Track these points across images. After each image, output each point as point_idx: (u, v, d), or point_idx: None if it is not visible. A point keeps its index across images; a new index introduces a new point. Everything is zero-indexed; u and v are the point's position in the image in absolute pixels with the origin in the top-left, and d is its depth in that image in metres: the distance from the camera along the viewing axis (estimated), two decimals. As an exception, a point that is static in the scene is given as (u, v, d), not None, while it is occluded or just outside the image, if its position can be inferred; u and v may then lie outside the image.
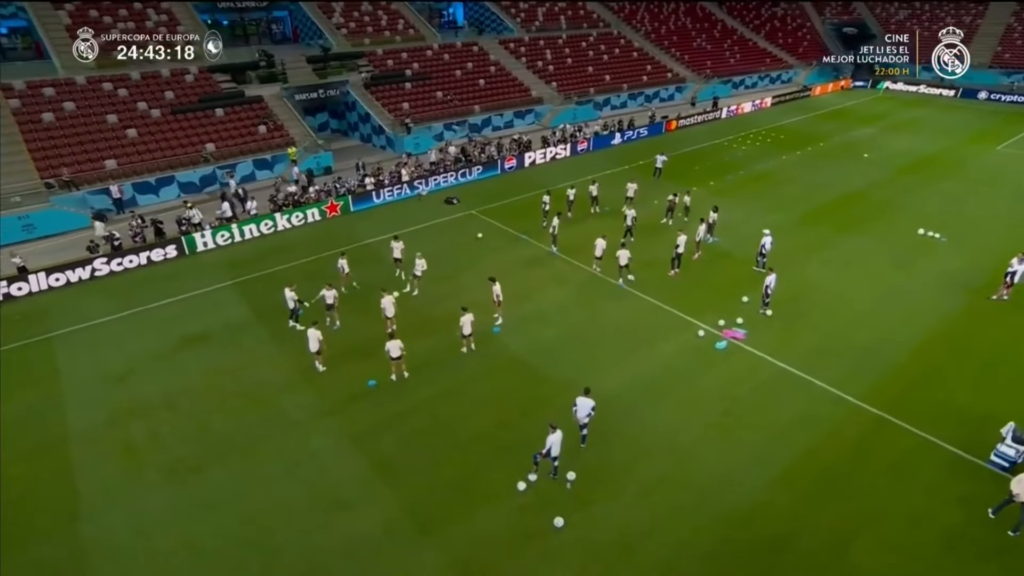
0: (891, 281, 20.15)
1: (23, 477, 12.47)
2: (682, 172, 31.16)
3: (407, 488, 12.25)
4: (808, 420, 14.00)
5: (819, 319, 18.03)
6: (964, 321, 17.87)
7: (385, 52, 41.01)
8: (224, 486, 12.34)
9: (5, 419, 14.08)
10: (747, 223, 24.55)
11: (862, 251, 22.26)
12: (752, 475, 12.51)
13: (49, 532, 11.29)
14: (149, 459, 13.01)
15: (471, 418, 14.14)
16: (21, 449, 13.22)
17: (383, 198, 27.29)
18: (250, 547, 10.97)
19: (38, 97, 29.31)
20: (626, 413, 14.27)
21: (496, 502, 11.89)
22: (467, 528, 11.33)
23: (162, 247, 21.90)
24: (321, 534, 11.22)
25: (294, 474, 12.60)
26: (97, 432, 13.79)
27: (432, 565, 10.61)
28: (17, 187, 25.01)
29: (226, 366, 16.10)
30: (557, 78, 45.13)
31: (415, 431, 13.78)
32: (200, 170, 28.84)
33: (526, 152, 32.71)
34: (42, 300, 19.61)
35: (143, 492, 12.19)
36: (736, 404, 14.56)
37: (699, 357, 16.31)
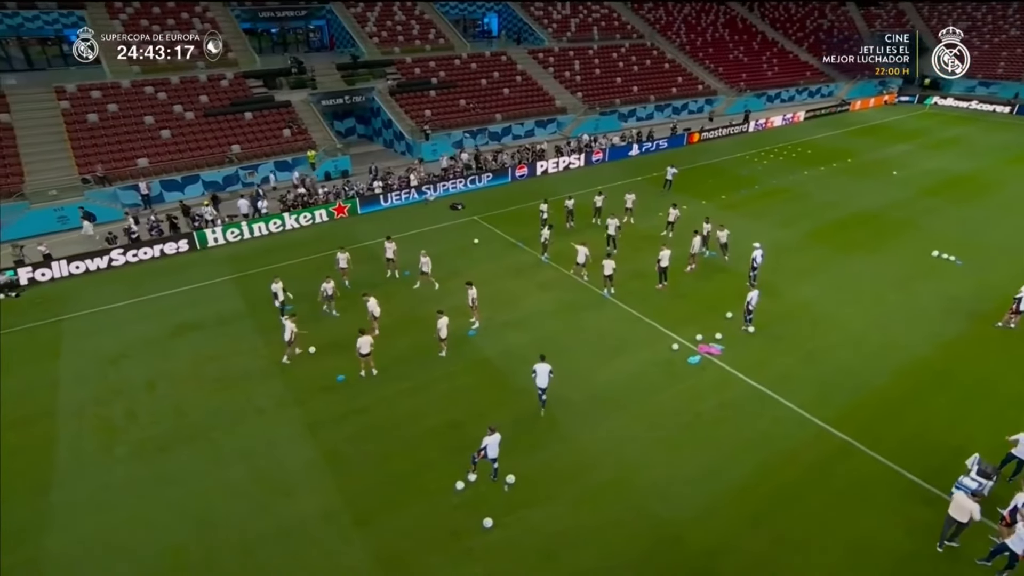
0: (889, 303, 19.36)
1: (9, 445, 13.56)
2: (694, 185, 30.74)
3: (351, 480, 12.67)
4: (768, 439, 13.68)
5: (803, 339, 17.52)
6: (959, 348, 17.01)
7: (414, 60, 42.18)
8: (184, 465, 13.07)
9: (4, 391, 15.33)
10: (749, 238, 23.92)
11: (865, 271, 21.46)
12: (699, 490, 12.32)
13: (22, 497, 12.24)
14: (122, 436, 13.92)
15: (427, 416, 14.46)
16: (12, 419, 14.38)
17: (391, 202, 28.09)
18: (194, 524, 11.60)
19: (86, 99, 31.62)
20: (581, 421, 14.29)
21: (433, 499, 12.15)
22: (400, 522, 11.63)
23: (175, 241, 23.25)
24: (260, 517, 11.74)
25: (249, 459, 13.22)
26: (83, 408, 14.84)
27: (357, 556, 10.95)
28: (56, 181, 27.09)
29: (211, 354, 17.00)
30: (583, 88, 45.28)
31: (371, 426, 14.21)
32: (224, 170, 30.44)
33: (538, 161, 32.94)
34: (62, 286, 21.18)
35: (111, 466, 13.06)
36: (697, 419, 14.36)
37: (669, 370, 16.14)
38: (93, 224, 24.45)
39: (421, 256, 20.07)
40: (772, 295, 19.79)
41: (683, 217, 24.58)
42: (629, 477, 12.68)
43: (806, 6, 69.65)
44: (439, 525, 11.54)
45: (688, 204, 27.78)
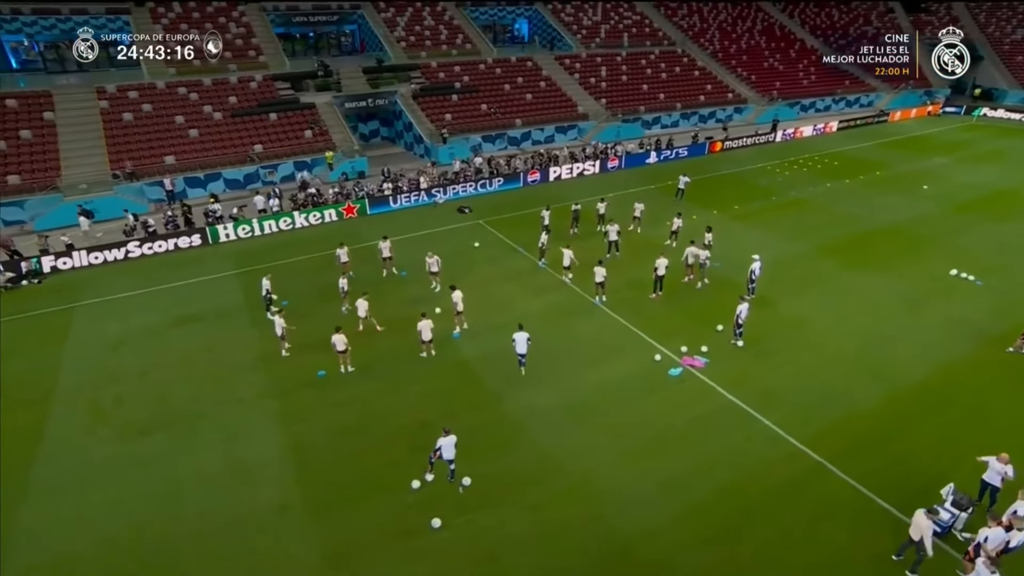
0: (893, 322, 18.56)
1: (4, 423, 14.44)
2: (708, 194, 30.19)
3: (314, 473, 12.97)
4: (738, 457, 13.32)
5: (793, 355, 16.99)
6: (961, 371, 16.16)
7: (439, 65, 42.84)
8: (160, 450, 13.65)
9: (8, 372, 16.34)
10: (756, 250, 23.37)
11: (874, 288, 20.63)
12: (658, 503, 12.12)
13: (5, 472, 13.00)
14: (109, 419, 14.64)
15: (398, 415, 14.67)
16: (12, 399, 15.33)
17: (400, 203, 28.60)
18: (159, 506, 12.10)
19: (124, 99, 33.39)
20: (549, 427, 14.24)
21: (389, 496, 12.32)
22: (353, 518, 11.84)
23: (188, 235, 24.28)
24: (222, 504, 12.16)
25: (221, 447, 13.70)
26: (78, 391, 15.67)
27: (305, 549, 11.19)
28: (88, 176, 28.68)
29: (204, 345, 17.69)
30: (608, 95, 45.04)
31: (342, 422, 14.51)
32: (245, 169, 31.60)
33: (551, 166, 32.94)
34: (81, 274, 22.43)
35: (94, 446, 13.75)
36: (669, 431, 14.11)
37: (648, 381, 15.90)
38: (90, 221, 25.68)
39: (427, 257, 20.31)
40: (768, 309, 19.29)
41: (687, 227, 24.15)
42: (588, 486, 12.56)
43: (850, 12, 67.40)
44: (390, 523, 11.69)
45: (698, 214, 27.33)
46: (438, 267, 20.27)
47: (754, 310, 18.93)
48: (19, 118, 30.59)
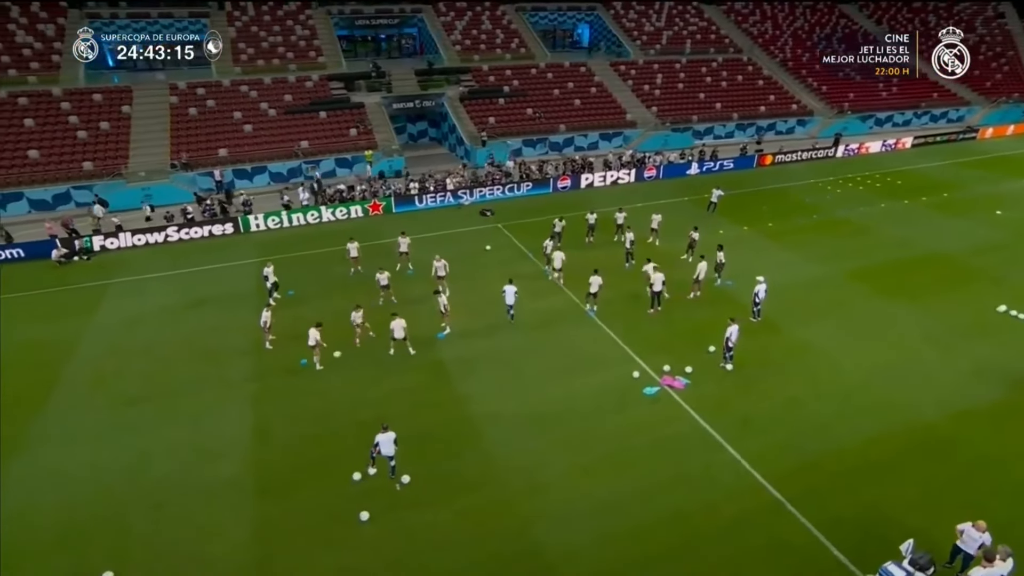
0: (914, 357, 17.00)
1: (17, 384, 16.12)
2: (744, 209, 28.83)
3: (270, 455, 13.62)
4: (693, 485, 12.71)
5: (785, 384, 15.95)
6: (978, 418, 14.55)
7: (490, 68, 43.43)
8: (143, 420, 14.78)
9: (38, 337, 18.22)
10: (778, 270, 22.17)
11: (902, 319, 18.97)
12: (592, 524, 11.78)
13: (12, 424, 14.53)
14: (106, 388, 16.01)
15: (361, 408, 15.06)
16: (32, 361, 17.11)
17: (426, 203, 29.29)
18: (127, 472, 13.11)
19: (191, 95, 36.26)
20: (506, 435, 14.18)
21: (331, 485, 12.72)
22: (292, 501, 12.33)
23: (222, 224, 26.04)
24: (181, 474, 13.01)
25: (196, 422, 14.65)
26: (89, 361, 17.25)
27: (240, 524, 11.76)
28: (150, 165, 31.38)
29: (209, 327, 18.95)
30: (660, 102, 43.95)
31: (309, 409, 15.11)
32: (289, 163, 33.45)
33: (583, 173, 32.59)
34: (124, 255, 24.63)
35: (87, 411, 15.11)
36: (626, 451, 13.67)
37: (620, 397, 15.46)
38: (105, 209, 27.66)
39: (435, 260, 20.47)
40: (772, 333, 18.25)
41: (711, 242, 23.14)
42: (526, 498, 12.40)
43: (951, 18, 61.99)
44: (323, 510, 12.08)
45: (727, 229, 26.20)
46: (445, 271, 20.37)
47: (757, 334, 18.11)
48: (101, 111, 33.92)
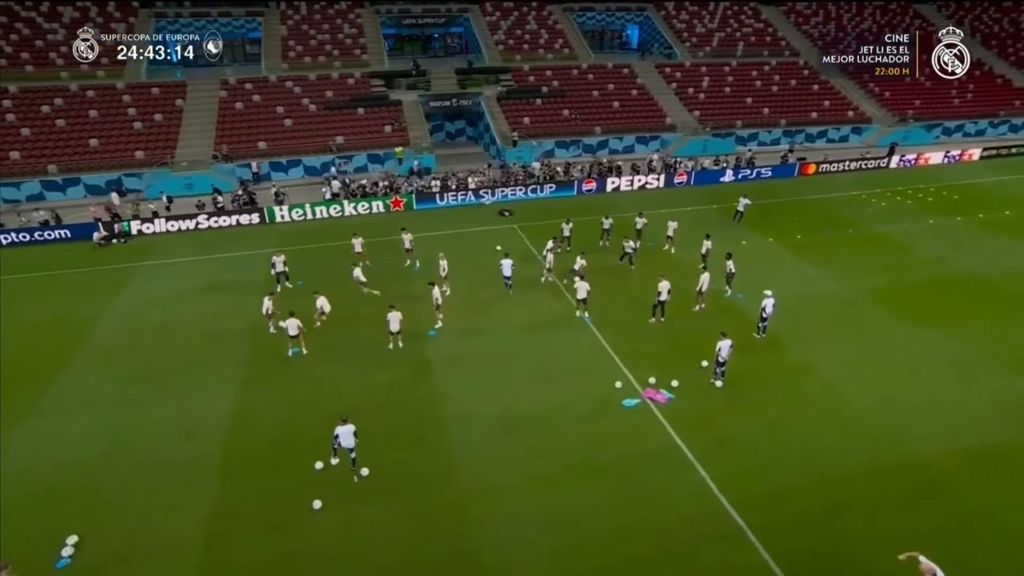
0: (926, 389, 15.75)
1: (37, 356, 17.47)
2: (773, 219, 27.56)
3: (243, 438, 14.16)
4: (652, 504, 12.28)
5: (775, 405, 15.15)
6: (985, 460, 13.30)
7: (531, 68, 43.39)
8: (138, 396, 15.69)
9: (64, 312, 19.66)
10: (796, 285, 21.16)
11: (924, 346, 17.62)
12: (536, 536, 11.57)
13: (26, 392, 15.76)
14: (114, 364, 17.10)
15: (339, 399, 15.33)
16: (54, 335, 18.47)
17: (447, 201, 29.61)
18: (110, 444, 13.95)
19: (240, 90, 38.13)
20: (472, 436, 14.16)
21: (294, 472, 13.09)
22: (253, 484, 12.78)
23: (249, 214, 27.25)
24: (157, 451, 13.71)
25: (183, 401, 15.42)
26: (105, 337, 18.47)
27: (198, 502, 12.26)
28: (195, 155, 33.24)
29: (216, 311, 19.88)
30: (703, 106, 42.61)
31: (290, 396, 15.60)
32: (323, 157, 34.61)
33: (609, 177, 32.04)
34: (157, 239, 26.20)
35: (93, 385, 16.19)
36: (589, 463, 13.36)
37: (597, 407, 15.13)
38: (121, 196, 29.41)
39: (440, 259, 20.67)
40: (774, 351, 17.39)
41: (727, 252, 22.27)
42: (475, 502, 12.33)
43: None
44: (279, 496, 12.44)
45: (750, 240, 25.17)
46: (445, 272, 20.55)
47: (758, 351, 17.35)
48: (157, 104, 36.21)
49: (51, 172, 31.00)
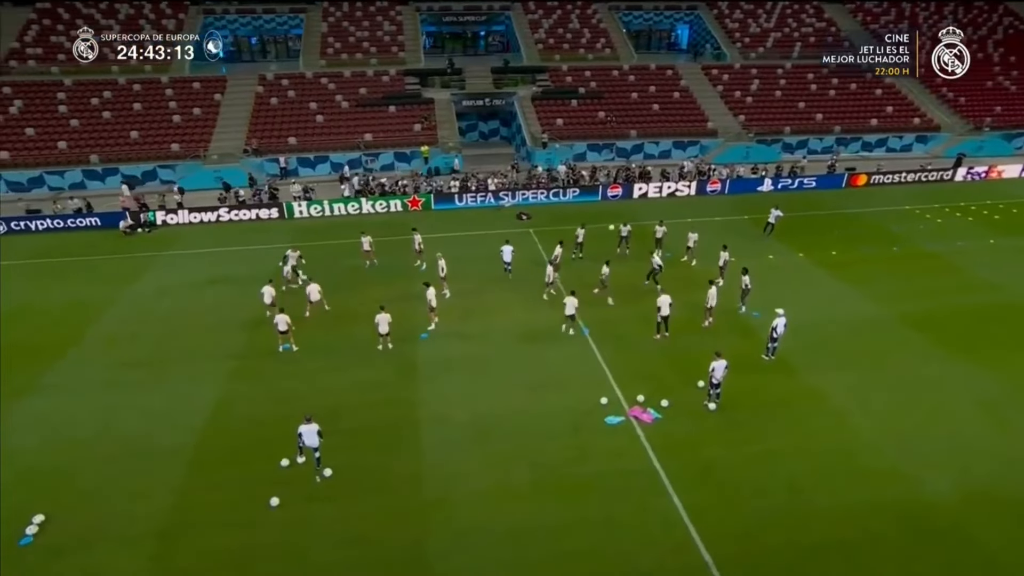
0: (949, 427, 14.64)
1: (47, 338, 18.67)
2: (807, 233, 26.40)
3: (219, 429, 14.66)
4: (616, 528, 11.92)
5: (771, 434, 14.45)
6: (993, 508, 12.24)
7: (570, 68, 43.22)
8: (131, 382, 16.55)
9: (80, 297, 20.97)
10: (820, 306, 20.23)
11: (958, 379, 16.39)
12: (491, 551, 11.42)
13: (30, 372, 16.90)
14: (115, 349, 18.11)
15: (320, 396, 15.65)
16: (63, 319, 19.76)
17: (465, 202, 29.84)
18: (98, 428, 14.74)
19: (276, 86, 39.70)
20: (445, 442, 14.18)
21: (261, 467, 13.42)
22: (219, 476, 13.20)
23: (269, 208, 28.30)
24: (138, 437, 14.38)
25: (171, 390, 16.14)
26: (113, 323, 19.59)
27: (164, 492, 12.72)
28: (227, 149, 34.83)
29: (221, 302, 20.76)
30: (750, 111, 41.28)
31: (274, 391, 16.06)
32: (350, 154, 35.56)
33: (636, 183, 31.48)
34: (181, 230, 27.62)
35: (93, 368, 17.20)
36: (560, 479, 13.10)
37: (576, 422, 14.85)
38: (132, 189, 31.08)
39: (439, 260, 20.92)
40: (783, 375, 16.65)
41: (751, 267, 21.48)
42: (438, 509, 12.33)
43: None
44: (242, 491, 12.79)
45: (778, 254, 24.23)
46: (444, 273, 20.72)
47: (764, 373, 16.68)
48: (197, 98, 38.17)
49: (93, 162, 33.16)
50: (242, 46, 49.46)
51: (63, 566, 11.07)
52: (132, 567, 11.07)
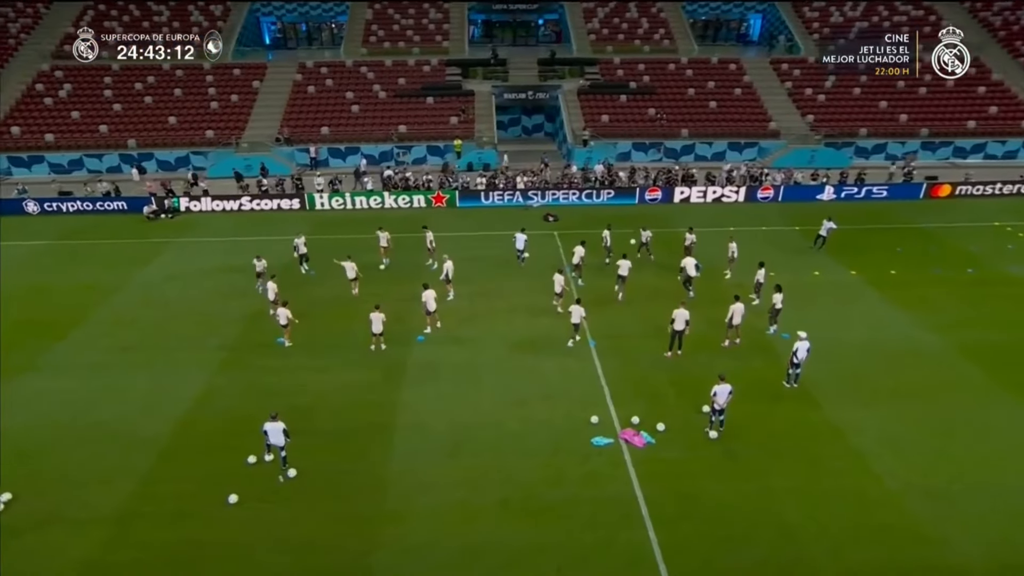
0: (995, 482, 13.41)
1: (52, 318, 20.09)
2: (864, 249, 25.12)
3: (197, 422, 15.34)
4: (578, 559, 11.63)
5: (775, 471, 13.71)
6: None
7: (622, 61, 42.74)
8: (124, 365, 17.65)
9: (94, 280, 22.49)
10: (865, 330, 19.20)
11: (1012, 425, 15.09)
12: (442, 569, 11.49)
13: (27, 351, 18.28)
14: (115, 333, 19.35)
15: (301, 394, 16.22)
16: (72, 300, 21.22)
17: (492, 200, 30.00)
18: (78, 409, 15.77)
19: (315, 74, 41.26)
20: (416, 450, 14.33)
21: (225, 462, 13.92)
22: (187, 468, 13.80)
23: (291, 199, 29.44)
24: (118, 422, 15.25)
25: (159, 377, 17.07)
26: (118, 307, 20.95)
27: (129, 479, 13.40)
28: (262, 137, 36.49)
29: (226, 292, 21.80)
30: (821, 110, 39.45)
31: (257, 386, 16.66)
32: (382, 146, 36.48)
33: (678, 186, 30.71)
34: (203, 217, 29.18)
35: (91, 350, 18.45)
36: (528, 501, 12.91)
37: (560, 440, 14.61)
38: (141, 174, 32.91)
39: (445, 261, 21.12)
40: (802, 405, 15.87)
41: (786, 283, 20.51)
42: (391, 522, 12.37)
43: None
44: (204, 484, 13.30)
45: (826, 270, 23.17)
46: (450, 275, 20.86)
47: (782, 403, 15.98)
48: (236, 84, 40.22)
49: (130, 146, 35.54)
50: (288, 33, 51.59)
51: (17, 546, 11.83)
52: (80, 553, 11.72)
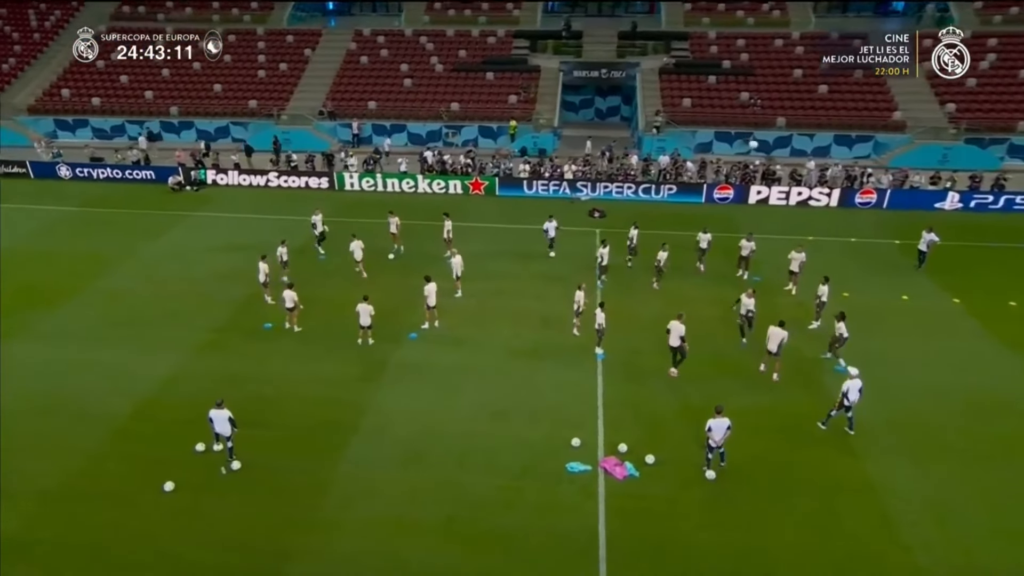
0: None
1: (52, 286, 22.32)
2: (979, 270, 23.54)
3: (158, 403, 16.68)
4: (516, 596, 11.79)
5: (773, 523, 13.06)
6: None
7: (718, 36, 41.71)
8: (111, 339, 19.52)
9: (102, 250, 24.80)
10: (952, 371, 17.97)
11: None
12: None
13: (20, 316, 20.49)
14: (110, 305, 21.40)
15: (270, 383, 17.28)
16: (76, 269, 23.53)
17: (535, 190, 30.21)
18: (56, 380, 17.56)
19: (371, 43, 43.18)
20: (373, 455, 14.91)
21: (175, 448, 14.99)
22: (132, 451, 15.01)
23: (319, 177, 31.07)
24: (90, 399, 16.75)
25: (140, 354, 18.68)
26: (120, 279, 23.08)
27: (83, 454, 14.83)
28: (307, 109, 38.62)
29: (227, 272, 23.41)
30: (968, 97, 36.56)
31: (227, 371, 17.87)
32: (429, 125, 37.60)
33: (754, 185, 29.56)
34: (227, 191, 31.48)
35: (81, 321, 20.48)
36: (475, 522, 13.12)
37: (531, 461, 14.63)
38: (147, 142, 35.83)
39: (452, 257, 21.72)
40: (835, 450, 15.10)
41: (849, 304, 19.48)
42: (323, 531, 12.90)
43: None
44: (148, 469, 14.37)
45: (918, 296, 21.92)
46: (460, 271, 21.36)
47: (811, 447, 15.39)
48: (287, 52, 42.86)
49: (172, 114, 38.74)
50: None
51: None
52: (0, 525, 13.09)
